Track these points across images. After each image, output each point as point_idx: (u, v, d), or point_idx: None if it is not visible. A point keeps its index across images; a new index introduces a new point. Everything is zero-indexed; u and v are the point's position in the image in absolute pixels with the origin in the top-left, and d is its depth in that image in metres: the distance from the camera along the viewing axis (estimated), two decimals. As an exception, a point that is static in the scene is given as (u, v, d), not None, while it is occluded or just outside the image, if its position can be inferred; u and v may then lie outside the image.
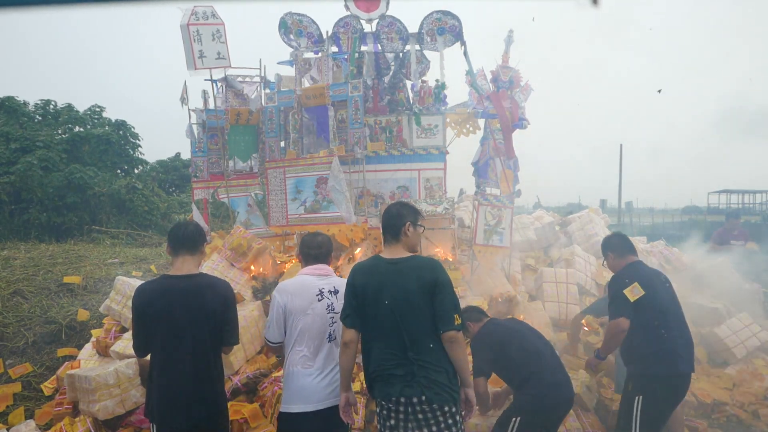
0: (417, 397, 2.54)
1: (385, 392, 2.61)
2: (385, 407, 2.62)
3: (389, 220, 2.80)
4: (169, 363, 2.76)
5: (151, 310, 2.75)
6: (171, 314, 2.74)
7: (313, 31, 6.30)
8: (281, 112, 6.13)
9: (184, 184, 16.57)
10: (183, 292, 2.77)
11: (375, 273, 2.69)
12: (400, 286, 2.61)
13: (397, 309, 2.59)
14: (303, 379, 2.84)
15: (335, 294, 2.97)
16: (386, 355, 2.62)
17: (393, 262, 2.70)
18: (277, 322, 2.92)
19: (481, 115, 5.80)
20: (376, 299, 2.63)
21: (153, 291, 2.80)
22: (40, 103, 16.50)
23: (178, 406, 2.74)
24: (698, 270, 7.00)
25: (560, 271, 5.72)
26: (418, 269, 2.65)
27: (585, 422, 4.18)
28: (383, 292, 2.62)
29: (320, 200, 5.67)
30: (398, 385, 2.57)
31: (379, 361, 2.64)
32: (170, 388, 2.75)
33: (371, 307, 2.64)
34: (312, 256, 3.08)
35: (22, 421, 4.38)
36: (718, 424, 4.51)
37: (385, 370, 2.62)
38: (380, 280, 2.65)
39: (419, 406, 2.54)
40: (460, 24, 5.90)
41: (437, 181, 5.84)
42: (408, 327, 2.59)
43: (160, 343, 2.77)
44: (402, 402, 2.56)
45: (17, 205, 12.35)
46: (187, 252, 2.86)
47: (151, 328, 2.76)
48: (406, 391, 2.56)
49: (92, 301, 6.12)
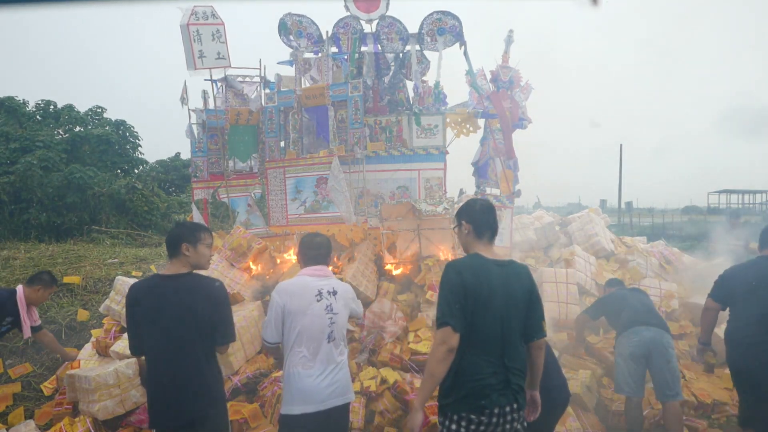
0: (510, 405, 2.46)
1: (476, 405, 2.41)
2: (474, 422, 2.42)
3: (492, 216, 2.66)
4: (158, 362, 2.80)
5: (140, 308, 2.79)
6: (159, 313, 2.77)
7: (313, 31, 6.30)
8: (281, 112, 6.13)
9: (184, 184, 16.58)
10: (170, 291, 2.80)
11: (488, 274, 2.50)
12: (509, 291, 2.52)
13: (505, 314, 2.49)
14: (304, 381, 2.83)
15: (334, 295, 2.98)
16: (483, 362, 2.45)
17: (501, 265, 2.58)
18: (275, 323, 2.92)
19: (481, 115, 5.81)
20: (487, 302, 2.45)
21: (142, 289, 2.84)
22: (41, 104, 16.50)
23: (168, 405, 2.77)
24: (698, 270, 7.00)
25: (560, 271, 5.72)
26: (521, 275, 2.60)
27: (585, 422, 4.18)
28: (496, 296, 2.47)
29: (320, 200, 5.67)
30: (493, 395, 2.43)
31: (472, 369, 2.44)
32: (160, 387, 2.79)
33: (480, 310, 2.44)
34: (311, 257, 3.08)
35: (21, 421, 4.38)
36: (718, 424, 4.50)
37: (479, 380, 2.43)
38: (493, 283, 2.48)
39: (511, 414, 2.47)
40: (460, 24, 5.90)
41: (437, 181, 5.83)
42: (509, 333, 2.50)
43: (150, 342, 2.80)
44: (495, 413, 2.43)
45: (17, 205, 12.34)
46: (173, 256, 2.90)
47: (141, 327, 2.81)
48: (500, 401, 2.44)
49: (92, 301, 6.12)
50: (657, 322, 4.18)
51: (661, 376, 3.99)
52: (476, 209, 2.68)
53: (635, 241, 7.92)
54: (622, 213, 27.69)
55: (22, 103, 16.26)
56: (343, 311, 3.02)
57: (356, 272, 4.93)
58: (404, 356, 4.33)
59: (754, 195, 39.95)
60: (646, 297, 4.56)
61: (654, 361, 4.02)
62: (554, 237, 7.64)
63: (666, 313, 5.68)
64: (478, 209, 2.68)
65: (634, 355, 4.05)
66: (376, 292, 5.10)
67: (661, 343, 4.03)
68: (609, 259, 7.01)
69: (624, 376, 4.07)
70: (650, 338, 4.04)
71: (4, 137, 13.81)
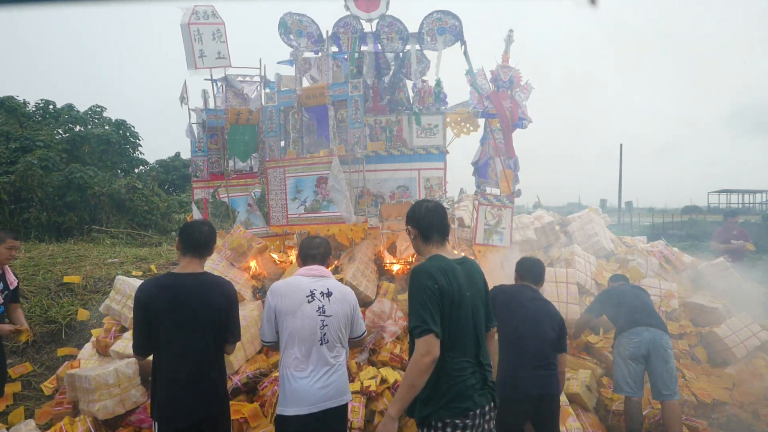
0: (488, 404, 2.44)
1: (461, 409, 2.35)
2: (460, 426, 2.34)
3: (438, 217, 2.61)
4: (173, 359, 2.78)
5: (156, 305, 2.77)
6: (177, 310, 2.78)
7: (313, 31, 6.30)
8: (281, 112, 6.13)
9: (184, 183, 16.58)
10: (189, 289, 2.83)
11: (455, 274, 2.46)
12: (474, 288, 2.54)
13: (475, 311, 2.49)
14: (296, 382, 2.80)
15: (328, 296, 2.91)
16: (463, 364, 2.41)
17: (460, 263, 2.57)
18: (269, 322, 2.91)
19: (481, 114, 5.80)
20: (460, 303, 2.42)
21: (158, 287, 2.83)
22: (40, 103, 16.49)
23: (182, 403, 2.77)
24: (698, 270, 7.00)
25: (560, 270, 5.72)
26: (477, 270, 2.64)
27: (585, 422, 4.19)
28: (466, 295, 2.46)
29: (320, 200, 5.67)
30: (475, 395, 2.39)
31: (454, 372, 2.39)
32: (175, 384, 2.77)
33: (456, 311, 2.40)
34: (309, 256, 3.06)
35: (22, 420, 4.38)
36: (718, 424, 4.50)
37: (462, 382, 2.38)
38: (460, 282, 2.46)
39: (489, 413, 2.44)
40: (460, 24, 5.89)
41: (437, 181, 5.83)
42: (480, 330, 2.51)
43: (165, 339, 2.78)
44: (478, 414, 2.38)
45: (17, 204, 12.34)
46: (197, 255, 2.94)
47: (154, 324, 2.78)
48: (481, 401, 2.41)
49: (92, 300, 6.12)
50: (656, 322, 4.20)
51: (659, 376, 4.02)
52: (420, 213, 2.63)
53: (635, 241, 7.92)
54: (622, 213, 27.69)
55: (22, 103, 16.24)
56: (339, 314, 2.91)
57: (356, 272, 4.93)
58: (404, 356, 4.33)
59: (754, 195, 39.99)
60: (647, 296, 4.55)
61: (652, 361, 4.04)
62: (554, 237, 7.64)
63: (666, 312, 5.68)
64: (423, 212, 2.62)
65: (633, 355, 4.07)
66: (376, 291, 5.10)
67: (660, 344, 4.06)
68: (609, 258, 7.00)
69: (624, 376, 4.09)
70: (649, 339, 4.06)
71: (4, 137, 13.80)
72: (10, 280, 4.41)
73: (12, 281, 4.43)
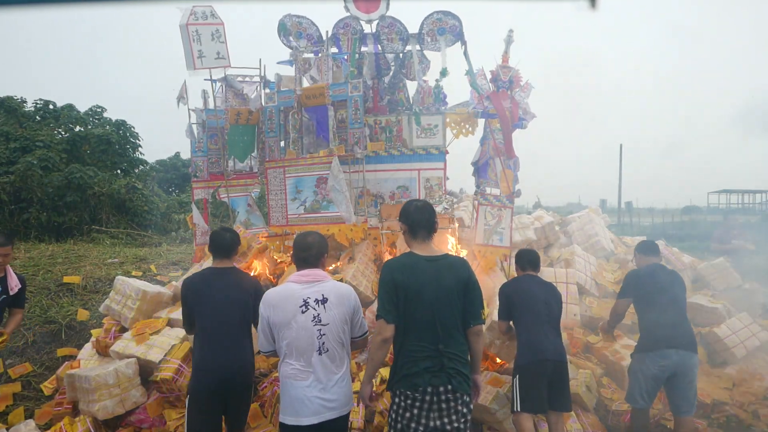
0: (443, 386, 2.69)
1: (411, 383, 2.70)
2: (410, 397, 2.70)
3: (426, 215, 2.88)
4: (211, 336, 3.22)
5: (199, 287, 3.31)
6: (215, 289, 3.30)
7: (313, 32, 6.29)
8: (281, 112, 6.13)
9: (184, 183, 16.58)
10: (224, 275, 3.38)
11: (416, 270, 2.77)
12: (440, 284, 2.76)
13: (437, 305, 2.74)
14: (296, 391, 2.75)
15: (323, 303, 2.79)
16: (417, 347, 2.72)
17: (431, 260, 2.82)
18: (264, 333, 2.87)
19: (481, 114, 5.80)
20: (417, 296, 2.73)
21: (201, 275, 3.45)
22: (39, 103, 16.45)
23: (213, 369, 3.14)
24: (698, 270, 7.00)
25: (560, 270, 5.72)
26: (454, 267, 2.83)
27: (585, 422, 4.19)
28: (425, 289, 2.74)
29: (320, 200, 5.67)
30: (426, 375, 2.68)
31: (409, 354, 2.73)
32: (210, 354, 3.18)
33: (412, 303, 2.73)
34: (302, 259, 2.93)
35: (22, 420, 4.38)
36: (718, 424, 4.50)
37: (414, 362, 2.71)
38: (421, 278, 2.75)
39: (444, 395, 2.69)
40: (460, 24, 5.89)
41: (437, 181, 5.83)
42: (443, 321, 2.74)
43: (207, 312, 3.25)
44: (429, 392, 2.68)
45: (17, 204, 12.33)
46: (225, 256, 3.46)
47: (194, 310, 3.26)
48: (433, 381, 2.68)
49: (92, 301, 6.13)
50: (686, 342, 3.93)
51: (681, 394, 3.92)
52: (411, 210, 2.93)
53: (635, 241, 7.92)
54: (622, 213, 27.67)
55: (22, 103, 16.22)
56: (337, 320, 2.81)
57: (356, 272, 4.93)
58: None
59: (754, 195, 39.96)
60: (681, 289, 4.14)
61: (676, 381, 3.91)
62: (554, 237, 7.64)
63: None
64: (413, 209, 2.92)
65: (656, 377, 3.94)
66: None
67: (687, 365, 3.89)
68: (609, 259, 7.01)
69: (640, 390, 3.99)
70: (677, 362, 3.87)
71: (3, 137, 13.79)
72: (11, 285, 4.25)
73: (13, 286, 4.26)
